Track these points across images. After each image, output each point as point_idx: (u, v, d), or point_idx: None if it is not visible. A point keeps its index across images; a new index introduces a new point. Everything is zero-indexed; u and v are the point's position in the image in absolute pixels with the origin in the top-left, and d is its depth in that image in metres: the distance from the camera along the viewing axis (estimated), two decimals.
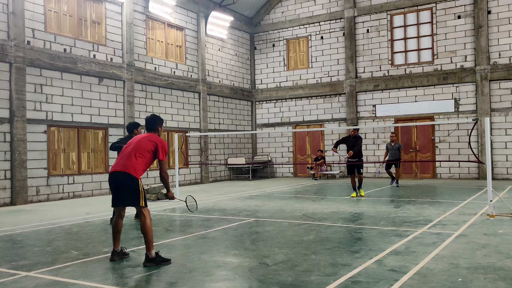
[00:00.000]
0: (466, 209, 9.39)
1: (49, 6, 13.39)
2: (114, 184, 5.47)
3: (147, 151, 5.48)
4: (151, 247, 5.32)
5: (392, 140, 15.11)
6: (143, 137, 5.60)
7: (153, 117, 5.81)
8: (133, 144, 5.52)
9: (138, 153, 5.44)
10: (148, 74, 16.44)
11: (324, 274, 4.74)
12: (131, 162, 5.40)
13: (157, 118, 5.80)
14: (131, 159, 5.41)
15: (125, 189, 5.39)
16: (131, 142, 5.60)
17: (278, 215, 9.18)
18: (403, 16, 19.04)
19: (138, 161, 5.43)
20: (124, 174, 5.38)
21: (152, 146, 5.50)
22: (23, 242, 6.90)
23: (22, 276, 4.97)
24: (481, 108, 17.13)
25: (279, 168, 22.01)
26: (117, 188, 5.46)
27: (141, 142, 5.52)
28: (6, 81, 12.20)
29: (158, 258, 5.31)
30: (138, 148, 5.47)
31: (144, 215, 5.37)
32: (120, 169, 5.41)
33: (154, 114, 5.93)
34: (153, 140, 5.53)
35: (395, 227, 7.43)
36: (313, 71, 21.01)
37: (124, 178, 5.37)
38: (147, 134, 5.67)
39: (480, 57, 17.23)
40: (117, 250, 5.61)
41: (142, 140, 5.54)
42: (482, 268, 4.84)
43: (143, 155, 5.46)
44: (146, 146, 5.48)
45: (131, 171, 5.38)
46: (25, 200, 12.27)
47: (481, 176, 17.04)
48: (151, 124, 5.74)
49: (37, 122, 12.84)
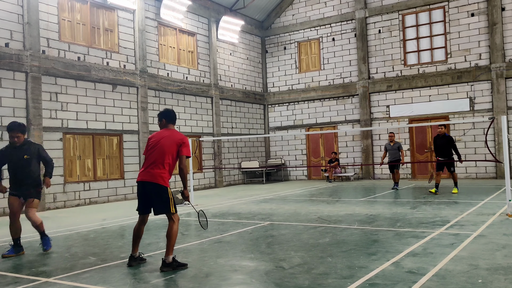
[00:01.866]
0: (484, 209, 9.25)
1: (62, 15, 13.60)
2: (144, 194, 5.44)
3: (172, 156, 5.43)
4: (171, 252, 5.31)
5: (391, 140, 14.49)
6: (167, 139, 5.46)
7: (172, 111, 5.83)
8: (158, 149, 5.40)
9: (165, 161, 5.37)
10: (161, 80, 16.57)
11: (341, 277, 4.72)
12: (159, 171, 5.35)
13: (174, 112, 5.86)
14: (159, 168, 5.36)
15: (155, 199, 5.38)
16: (155, 145, 5.46)
17: (293, 218, 9.15)
18: (415, 15, 18.90)
19: (166, 169, 5.38)
20: (153, 185, 5.33)
21: (177, 147, 5.45)
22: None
23: (42, 282, 5.04)
24: (497, 106, 16.90)
25: (293, 171, 21.96)
26: (146, 198, 5.43)
27: (165, 147, 5.41)
28: (23, 90, 12.41)
29: (175, 263, 5.32)
30: (163, 154, 5.39)
31: (173, 221, 5.35)
32: (149, 179, 5.35)
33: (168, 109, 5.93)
34: (177, 142, 5.46)
35: (411, 229, 7.36)
36: (325, 73, 20.95)
37: (153, 189, 5.34)
38: (169, 133, 5.56)
39: (495, 55, 17.01)
40: (135, 255, 5.61)
41: (166, 144, 5.43)
42: (502, 269, 4.76)
43: (170, 162, 5.40)
44: (171, 150, 5.41)
45: (159, 181, 5.32)
46: (42, 207, 12.43)
47: (498, 175, 16.79)
48: (172, 116, 5.74)
49: (53, 130, 13.03)
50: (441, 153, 12.22)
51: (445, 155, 12.14)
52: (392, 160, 14.34)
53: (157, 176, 5.33)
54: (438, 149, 12.29)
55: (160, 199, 5.34)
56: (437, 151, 12.35)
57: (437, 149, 12.35)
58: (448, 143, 12.06)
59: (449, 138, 12.14)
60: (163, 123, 5.74)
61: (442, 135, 12.18)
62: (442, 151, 12.16)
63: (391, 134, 14.67)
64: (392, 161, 14.35)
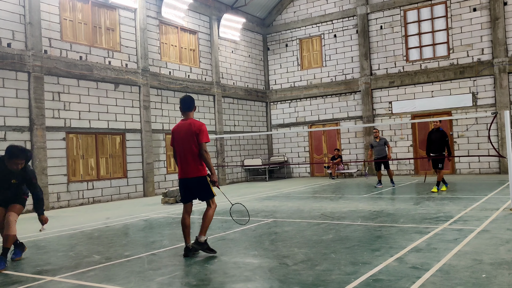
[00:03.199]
0: (488, 204, 9.24)
1: (64, 15, 13.61)
2: (186, 188, 5.90)
3: (196, 146, 5.79)
4: (204, 233, 5.80)
5: (376, 136, 14.12)
6: (186, 133, 5.81)
7: (190, 97, 6.06)
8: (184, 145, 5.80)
9: (193, 154, 5.80)
10: (163, 78, 16.58)
11: (344, 273, 4.72)
12: (193, 165, 5.80)
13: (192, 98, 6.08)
14: (192, 162, 5.80)
15: (198, 189, 5.88)
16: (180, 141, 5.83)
17: (296, 215, 9.16)
18: (416, 11, 18.84)
19: (197, 160, 5.81)
20: (192, 179, 5.83)
21: (195, 138, 5.78)
22: (47, 248, 7.02)
23: (47, 280, 5.06)
24: (500, 101, 16.85)
25: (296, 168, 21.96)
26: (189, 190, 5.90)
27: (188, 143, 5.79)
28: (25, 90, 12.44)
29: (206, 245, 5.76)
30: (190, 148, 5.79)
31: (211, 206, 5.90)
32: (190, 175, 5.82)
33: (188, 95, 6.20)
34: (194, 132, 5.77)
35: (415, 224, 7.35)
36: (327, 70, 20.93)
37: (194, 182, 5.84)
38: (187, 126, 5.85)
39: (497, 50, 16.95)
40: (189, 246, 5.80)
41: (187, 139, 5.80)
42: (506, 264, 4.76)
43: (196, 152, 5.80)
44: (192, 142, 5.77)
45: (197, 174, 5.82)
46: (46, 207, 12.46)
47: (502, 171, 16.76)
48: (189, 104, 5.99)
49: (56, 129, 13.06)
50: (434, 148, 11.84)
51: (437, 150, 11.79)
52: (379, 157, 13.95)
53: (193, 170, 5.81)
54: (432, 144, 11.87)
55: (202, 187, 5.86)
56: (430, 146, 11.92)
57: (430, 144, 11.92)
58: (442, 138, 11.70)
59: (443, 132, 11.80)
60: (180, 110, 6.05)
61: (437, 129, 11.87)
62: (435, 146, 11.78)
63: (375, 130, 14.31)
64: (379, 158, 13.95)
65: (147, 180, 15.54)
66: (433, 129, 12.11)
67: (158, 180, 16.18)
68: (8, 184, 5.99)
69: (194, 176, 5.81)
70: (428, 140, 12.07)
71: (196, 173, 5.81)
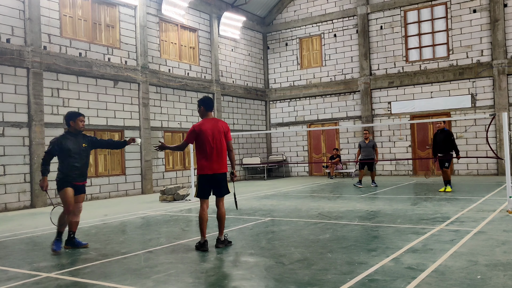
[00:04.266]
0: (485, 205, 9.26)
1: (64, 11, 13.60)
2: (212, 183, 6.17)
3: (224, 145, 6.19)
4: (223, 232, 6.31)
5: (366, 137, 14.12)
6: (216, 131, 6.11)
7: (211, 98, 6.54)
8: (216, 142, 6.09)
9: (224, 150, 6.19)
10: (162, 76, 16.57)
11: (340, 273, 4.73)
12: (223, 161, 6.19)
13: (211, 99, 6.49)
14: (222, 159, 6.18)
15: (222, 184, 6.24)
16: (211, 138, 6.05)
17: (294, 214, 9.18)
18: (417, 11, 18.85)
19: (225, 158, 6.22)
20: (222, 175, 6.21)
21: (224, 135, 6.21)
22: (44, 244, 7.02)
23: (43, 277, 5.07)
24: (499, 103, 16.87)
25: (294, 168, 21.98)
26: (217, 185, 6.21)
27: (219, 140, 6.13)
28: (24, 86, 12.43)
29: (226, 240, 6.27)
30: (221, 146, 6.15)
31: (223, 203, 6.33)
32: (219, 171, 6.15)
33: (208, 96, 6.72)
34: (223, 130, 6.21)
35: (412, 225, 7.37)
36: (326, 69, 20.93)
37: (223, 178, 6.24)
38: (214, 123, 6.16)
39: (497, 51, 16.96)
40: (207, 239, 6.10)
41: (218, 137, 6.12)
42: (501, 265, 4.77)
43: (225, 149, 6.22)
44: (222, 140, 6.18)
45: (225, 170, 6.24)
46: (44, 203, 12.48)
47: (500, 172, 16.78)
48: (212, 104, 6.40)
49: (55, 126, 13.05)
50: (440, 148, 11.97)
51: (443, 150, 11.91)
52: (366, 158, 13.98)
53: (223, 166, 6.20)
54: (438, 145, 11.99)
55: (225, 183, 6.27)
56: (437, 147, 12.05)
57: (436, 145, 12.05)
58: (447, 138, 11.83)
59: (448, 132, 11.94)
60: (201, 110, 6.29)
61: (442, 130, 12.01)
62: (441, 146, 11.90)
63: (365, 131, 14.30)
64: (365, 159, 13.98)
65: (145, 177, 15.55)
66: (438, 130, 12.18)
67: (156, 178, 16.18)
68: (81, 150, 6.53)
69: (222, 172, 6.16)
70: (434, 142, 12.19)
71: (224, 169, 6.20)
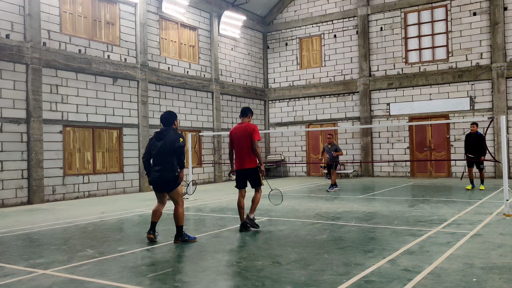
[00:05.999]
0: (482, 208, 9.27)
1: (64, 7, 13.57)
2: (242, 176, 7.45)
3: (249, 145, 7.32)
4: (253, 211, 7.43)
5: (329, 142, 14.01)
6: (242, 135, 7.34)
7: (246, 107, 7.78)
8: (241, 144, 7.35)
9: (248, 151, 7.34)
10: (162, 74, 16.56)
11: (337, 274, 4.74)
12: (248, 159, 7.35)
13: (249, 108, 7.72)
14: (248, 157, 7.34)
15: (250, 177, 7.43)
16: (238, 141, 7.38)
17: (291, 214, 9.18)
18: (417, 13, 18.86)
19: (251, 155, 7.34)
20: (247, 170, 7.39)
21: (250, 137, 7.31)
22: (40, 241, 7.02)
23: (39, 274, 5.07)
24: (497, 106, 16.90)
25: (292, 168, 21.98)
26: (244, 178, 7.46)
27: (244, 142, 7.32)
28: (23, 82, 12.41)
29: (253, 221, 7.38)
30: (246, 146, 7.32)
31: (259, 192, 7.47)
32: (244, 167, 7.38)
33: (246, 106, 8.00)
34: (248, 133, 7.32)
35: (409, 227, 7.38)
36: (326, 70, 20.94)
37: (248, 172, 7.40)
38: (242, 128, 7.40)
39: (496, 54, 16.99)
40: (244, 222, 7.28)
41: (243, 140, 7.33)
42: (497, 268, 4.79)
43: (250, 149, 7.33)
44: (248, 141, 7.32)
45: (251, 165, 7.37)
46: (41, 199, 12.47)
47: (497, 175, 16.82)
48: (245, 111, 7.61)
49: (53, 122, 13.04)
50: (473, 151, 12.62)
51: (476, 152, 12.54)
52: (331, 161, 14.02)
53: (247, 163, 7.36)
54: (471, 147, 12.66)
55: (253, 177, 7.42)
56: (469, 148, 12.73)
57: (469, 147, 12.71)
58: (480, 141, 12.40)
59: (481, 136, 12.49)
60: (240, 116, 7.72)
61: (475, 133, 12.66)
62: (475, 149, 12.57)
63: (329, 136, 14.17)
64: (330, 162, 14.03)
65: (143, 175, 15.53)
66: (471, 133, 12.80)
67: None
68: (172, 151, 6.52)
69: (249, 167, 7.35)
70: (466, 143, 12.87)
71: (249, 165, 7.34)
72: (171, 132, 6.58)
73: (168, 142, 6.46)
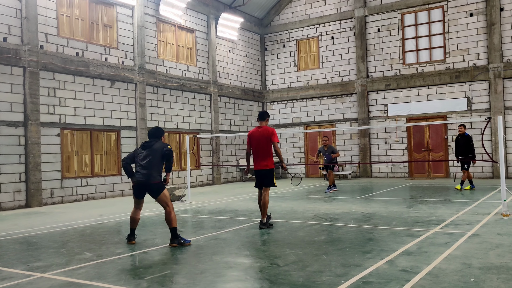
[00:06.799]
0: (480, 208, 9.29)
1: (61, 10, 13.57)
2: (259, 176, 7.96)
3: (269, 145, 7.90)
4: (265, 215, 7.81)
5: (325, 144, 13.98)
6: (261, 137, 7.88)
7: (264, 111, 8.67)
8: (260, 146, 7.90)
9: (267, 152, 7.92)
10: (159, 76, 16.56)
11: (335, 275, 4.74)
12: (266, 161, 7.91)
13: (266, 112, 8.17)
14: (265, 159, 7.91)
15: (264, 177, 7.93)
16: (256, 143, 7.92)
17: (289, 215, 9.18)
18: (414, 14, 18.91)
19: (269, 157, 7.94)
20: (263, 171, 7.91)
21: (269, 139, 7.85)
22: (38, 244, 7.00)
23: (37, 277, 5.06)
24: (495, 106, 16.94)
25: (291, 169, 21.99)
26: (262, 178, 7.94)
27: (263, 144, 7.89)
28: (20, 85, 12.40)
29: (267, 223, 7.82)
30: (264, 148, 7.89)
31: (267, 193, 7.94)
32: (261, 168, 7.94)
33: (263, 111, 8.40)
34: (268, 136, 7.86)
35: (407, 227, 7.39)
36: (324, 71, 20.96)
37: (264, 173, 7.92)
38: (261, 131, 7.93)
39: (493, 55, 17.04)
40: (263, 221, 7.76)
41: (262, 142, 7.89)
42: (495, 268, 4.79)
43: (269, 150, 7.93)
44: (267, 143, 7.87)
45: (267, 167, 7.92)
46: (39, 203, 12.45)
47: (495, 175, 16.85)
48: (263, 115, 8.09)
49: (51, 125, 13.02)
50: (461, 151, 12.83)
51: (463, 153, 12.73)
52: (328, 163, 14.01)
53: (264, 164, 7.92)
54: (459, 148, 12.87)
55: (267, 177, 7.93)
56: (458, 149, 12.92)
57: (458, 148, 12.92)
58: (467, 142, 12.65)
59: (468, 137, 12.71)
60: (258, 120, 8.18)
61: (462, 134, 12.80)
62: (462, 149, 12.78)
63: (324, 138, 14.18)
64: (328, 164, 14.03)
65: None
66: (459, 134, 12.96)
67: None
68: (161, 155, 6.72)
69: (264, 168, 7.89)
70: (456, 144, 13.07)
71: (266, 167, 7.89)
72: (159, 141, 6.85)
73: (156, 148, 6.69)
